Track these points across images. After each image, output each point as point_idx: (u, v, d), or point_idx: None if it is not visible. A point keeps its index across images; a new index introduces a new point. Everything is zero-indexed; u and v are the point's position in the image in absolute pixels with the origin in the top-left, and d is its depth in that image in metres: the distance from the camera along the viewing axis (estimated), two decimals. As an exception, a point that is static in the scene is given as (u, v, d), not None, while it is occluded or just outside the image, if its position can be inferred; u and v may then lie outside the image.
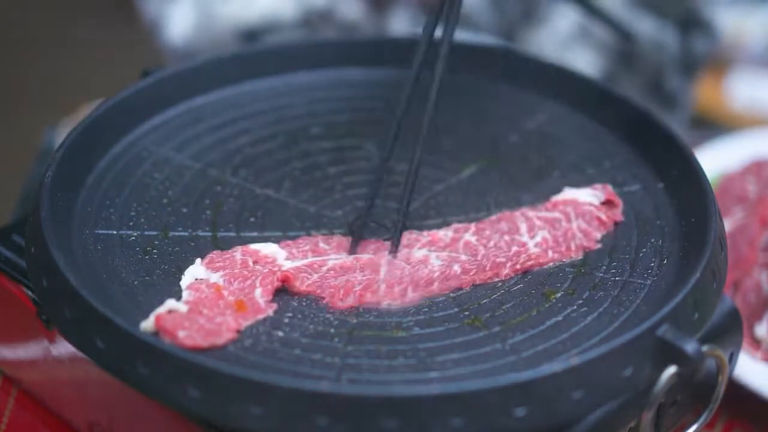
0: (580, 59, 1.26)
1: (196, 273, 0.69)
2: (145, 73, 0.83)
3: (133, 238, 0.72)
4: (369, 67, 0.89)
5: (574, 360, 0.60)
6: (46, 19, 2.69)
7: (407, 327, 0.67)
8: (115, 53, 2.45)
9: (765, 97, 1.95)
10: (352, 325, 0.67)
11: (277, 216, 0.76)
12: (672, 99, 1.32)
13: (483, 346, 0.65)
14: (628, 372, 0.62)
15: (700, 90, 1.61)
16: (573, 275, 0.71)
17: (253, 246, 0.71)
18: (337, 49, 0.89)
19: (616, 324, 0.67)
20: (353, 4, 1.24)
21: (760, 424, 0.87)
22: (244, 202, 0.77)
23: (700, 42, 1.31)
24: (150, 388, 0.61)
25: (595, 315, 0.67)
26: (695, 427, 0.67)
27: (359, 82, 0.88)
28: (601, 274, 0.71)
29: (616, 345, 0.61)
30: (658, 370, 0.62)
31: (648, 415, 0.63)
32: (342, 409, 0.58)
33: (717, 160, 1.07)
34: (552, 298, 0.69)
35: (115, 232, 0.72)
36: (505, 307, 0.68)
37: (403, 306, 0.69)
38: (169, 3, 1.29)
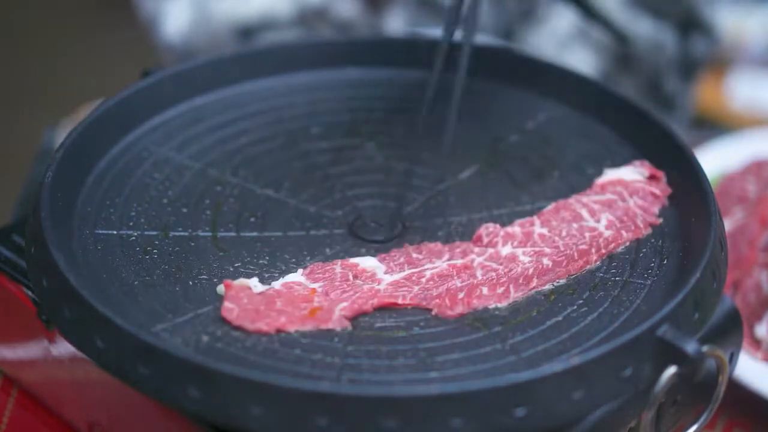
0: (579, 59, 1.26)
1: (295, 280, 0.69)
2: (145, 73, 0.83)
3: (133, 238, 0.72)
4: (369, 67, 0.88)
5: (574, 360, 0.60)
6: (46, 19, 2.69)
7: (407, 327, 0.67)
8: (115, 53, 2.45)
9: (765, 97, 1.95)
10: (353, 325, 0.67)
11: (277, 216, 0.76)
12: (671, 100, 1.32)
13: (483, 346, 0.65)
14: (628, 372, 0.62)
15: (700, 90, 1.61)
16: (573, 275, 0.71)
17: (353, 260, 0.71)
18: (337, 49, 0.89)
19: (616, 324, 0.67)
20: (349, 2, 1.24)
21: (760, 424, 0.87)
22: (244, 202, 0.77)
23: (699, 43, 1.31)
24: (150, 388, 0.61)
25: (595, 315, 0.67)
26: (695, 427, 0.67)
27: (359, 82, 0.88)
28: (601, 274, 0.71)
29: (616, 345, 0.61)
30: (658, 370, 0.62)
31: (648, 415, 0.63)
32: (342, 409, 0.58)
33: (717, 160, 1.07)
34: (552, 298, 0.69)
35: (115, 232, 0.72)
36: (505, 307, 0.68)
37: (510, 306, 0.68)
38: (166, 1, 1.29)
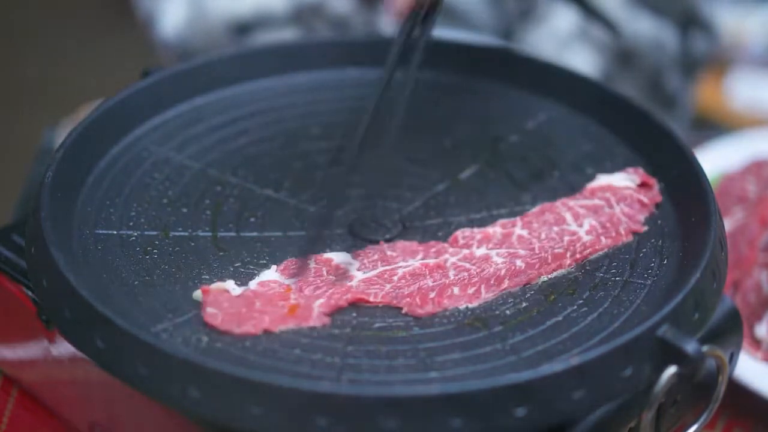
0: (579, 59, 1.26)
1: (270, 278, 0.69)
2: (145, 73, 0.83)
3: (134, 238, 0.72)
4: (369, 67, 0.88)
5: (574, 360, 0.60)
6: (46, 19, 2.69)
7: (407, 327, 0.67)
8: (115, 53, 2.45)
9: (765, 97, 1.95)
10: (353, 325, 0.67)
11: (277, 216, 0.76)
12: (672, 99, 1.32)
13: (483, 346, 0.65)
14: (628, 372, 0.62)
15: (700, 90, 1.61)
16: (573, 275, 0.71)
17: (327, 255, 0.71)
18: (336, 49, 0.89)
19: (617, 324, 0.67)
20: None
21: (760, 424, 0.87)
22: (244, 202, 0.77)
23: (700, 41, 1.31)
24: (150, 388, 0.61)
25: (595, 315, 0.67)
26: (695, 427, 0.67)
27: (359, 82, 0.88)
28: (601, 274, 0.71)
29: (616, 345, 0.61)
30: (658, 370, 0.62)
31: (648, 415, 0.63)
32: (342, 409, 0.58)
33: (717, 160, 1.07)
34: (552, 299, 0.69)
35: (115, 232, 0.72)
36: (505, 307, 0.68)
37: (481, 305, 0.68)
38: None
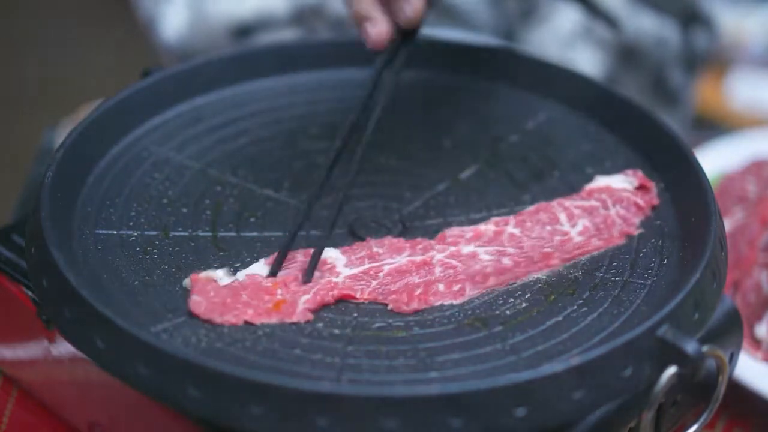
0: (582, 58, 1.26)
1: (259, 271, 0.69)
2: (145, 73, 0.83)
3: (134, 238, 0.72)
4: (369, 68, 0.88)
5: (574, 360, 0.60)
6: (46, 19, 2.69)
7: (407, 327, 0.67)
8: (115, 53, 2.45)
9: (765, 97, 1.95)
10: (353, 326, 0.67)
11: (277, 216, 0.76)
12: (674, 96, 1.32)
13: (483, 347, 0.65)
14: (628, 372, 0.62)
15: (701, 90, 1.61)
16: (573, 275, 0.71)
17: (312, 250, 0.71)
18: (336, 49, 0.89)
19: (617, 324, 0.67)
20: None
21: (760, 424, 0.87)
22: (244, 202, 0.77)
23: (701, 37, 1.31)
24: (150, 388, 0.61)
25: (595, 315, 0.67)
26: (695, 427, 0.67)
27: (359, 82, 0.88)
28: (601, 274, 0.71)
29: (616, 345, 0.61)
30: (658, 370, 0.62)
31: (648, 415, 0.63)
32: (342, 409, 0.58)
33: (717, 160, 1.07)
34: (552, 299, 0.69)
35: (115, 232, 0.72)
36: (505, 307, 0.68)
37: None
38: (163, 2, 1.29)
